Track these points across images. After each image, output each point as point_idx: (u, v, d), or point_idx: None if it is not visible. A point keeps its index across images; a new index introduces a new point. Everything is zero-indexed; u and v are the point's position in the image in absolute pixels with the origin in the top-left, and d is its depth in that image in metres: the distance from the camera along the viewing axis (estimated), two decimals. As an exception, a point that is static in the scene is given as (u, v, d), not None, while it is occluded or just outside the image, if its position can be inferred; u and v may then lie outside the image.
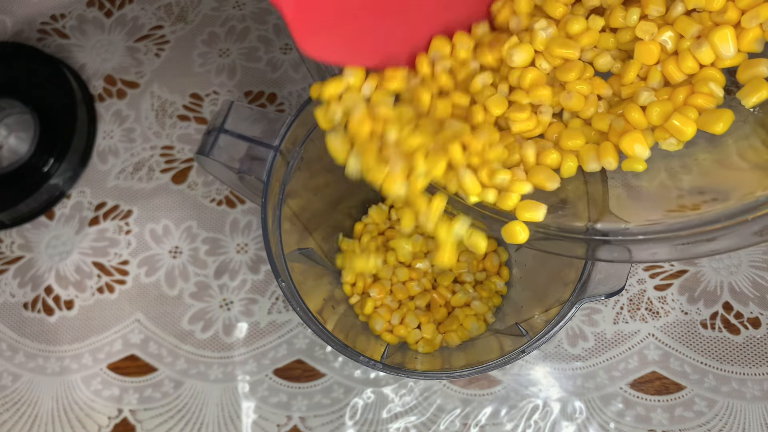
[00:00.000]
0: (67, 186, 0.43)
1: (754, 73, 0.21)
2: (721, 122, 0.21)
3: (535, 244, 0.24)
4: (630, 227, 0.23)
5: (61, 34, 0.46)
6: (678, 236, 0.21)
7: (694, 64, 0.22)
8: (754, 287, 0.37)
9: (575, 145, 0.24)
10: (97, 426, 0.39)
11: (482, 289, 0.35)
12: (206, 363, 0.39)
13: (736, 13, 0.21)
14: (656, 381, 0.36)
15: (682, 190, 0.23)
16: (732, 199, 0.21)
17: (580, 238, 0.23)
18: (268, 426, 0.38)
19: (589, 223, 0.23)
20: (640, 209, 0.24)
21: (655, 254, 0.22)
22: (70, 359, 0.40)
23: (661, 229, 0.22)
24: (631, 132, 0.22)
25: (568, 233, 0.23)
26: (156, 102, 0.44)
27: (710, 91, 0.22)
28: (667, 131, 0.22)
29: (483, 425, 0.37)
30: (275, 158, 0.28)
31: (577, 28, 0.23)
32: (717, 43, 0.21)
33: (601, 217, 0.24)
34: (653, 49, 0.23)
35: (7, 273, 0.42)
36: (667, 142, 0.23)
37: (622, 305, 0.37)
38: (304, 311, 0.27)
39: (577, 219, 0.24)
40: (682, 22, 0.22)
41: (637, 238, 0.22)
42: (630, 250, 0.22)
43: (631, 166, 0.23)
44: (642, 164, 0.23)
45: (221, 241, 0.41)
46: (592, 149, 0.23)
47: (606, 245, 0.23)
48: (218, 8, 0.45)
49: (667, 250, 0.21)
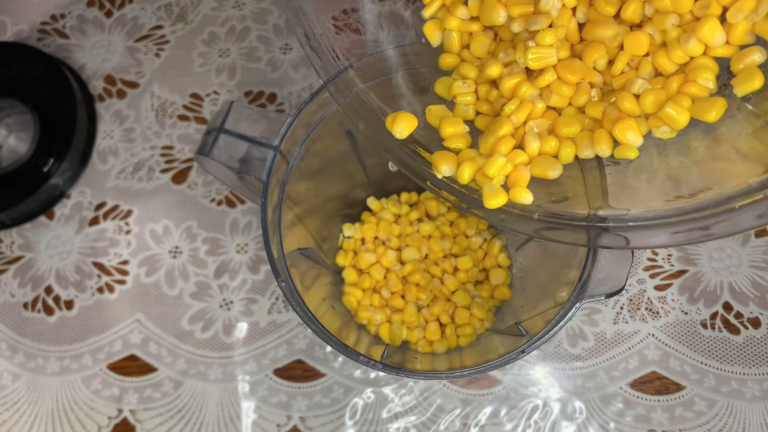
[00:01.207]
0: (67, 186, 0.43)
1: (747, 62, 0.21)
2: (714, 110, 0.22)
3: (540, 233, 0.24)
4: (630, 213, 0.23)
5: (61, 34, 0.46)
6: (677, 221, 0.21)
7: (684, 55, 0.22)
8: (754, 287, 0.37)
9: (570, 132, 0.24)
10: (97, 426, 0.39)
11: (482, 289, 0.35)
12: (206, 363, 0.39)
13: (718, 8, 0.22)
14: (656, 381, 0.36)
15: (679, 181, 0.23)
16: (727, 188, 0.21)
17: (581, 226, 0.23)
18: (268, 426, 0.38)
19: (591, 210, 0.24)
20: (640, 198, 0.24)
21: (655, 240, 0.22)
22: (70, 359, 0.40)
23: (661, 215, 0.22)
24: (624, 119, 0.23)
25: (569, 221, 0.23)
26: (156, 102, 0.44)
27: (704, 79, 0.22)
28: (661, 119, 0.22)
29: (483, 425, 0.37)
30: (275, 158, 0.28)
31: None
32: (706, 34, 0.21)
33: (601, 205, 0.24)
34: (642, 40, 0.23)
35: (7, 273, 0.42)
36: (661, 130, 0.23)
37: (622, 305, 0.37)
38: (304, 311, 0.27)
39: (578, 207, 0.24)
40: (658, 17, 0.23)
41: (637, 224, 0.22)
42: (628, 237, 0.22)
43: (623, 153, 0.23)
44: (634, 152, 0.23)
45: (221, 241, 0.41)
46: (587, 136, 0.24)
47: (606, 233, 0.23)
48: (218, 8, 0.45)
49: (666, 236, 0.21)
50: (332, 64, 0.25)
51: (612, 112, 0.23)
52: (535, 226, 0.24)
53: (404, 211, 0.36)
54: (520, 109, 0.24)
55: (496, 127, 0.24)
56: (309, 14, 0.25)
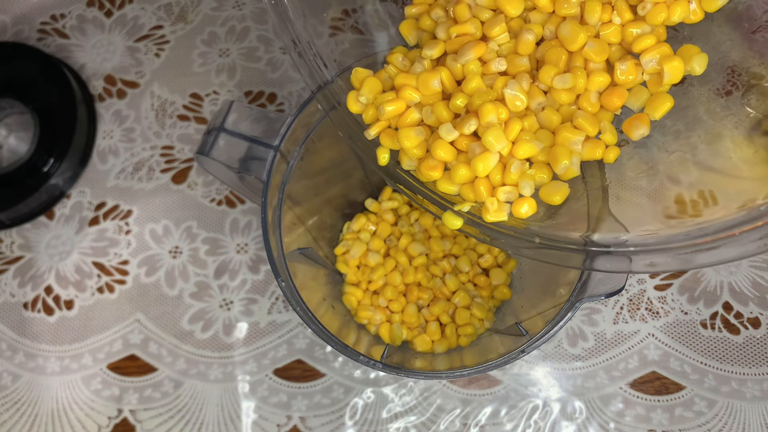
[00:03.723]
0: (67, 186, 0.43)
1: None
2: (558, 195, 0.23)
3: (531, 252, 0.24)
4: (628, 237, 0.23)
5: (61, 34, 0.46)
6: (678, 246, 0.21)
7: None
8: (754, 287, 0.37)
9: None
10: (97, 426, 0.39)
11: (482, 289, 0.35)
12: (206, 363, 0.39)
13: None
14: (656, 381, 0.36)
15: (682, 193, 0.23)
16: (732, 206, 0.21)
17: (576, 249, 0.23)
18: (268, 426, 0.38)
19: (587, 233, 0.23)
20: (638, 217, 0.24)
21: (654, 265, 0.22)
22: (70, 359, 0.40)
23: (660, 240, 0.22)
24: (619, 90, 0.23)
25: (564, 244, 0.23)
26: (156, 102, 0.44)
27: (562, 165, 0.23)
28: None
29: (483, 425, 0.37)
30: (275, 158, 0.28)
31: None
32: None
33: (598, 226, 0.24)
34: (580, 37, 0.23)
35: (7, 273, 0.42)
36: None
37: (622, 305, 0.37)
38: (304, 311, 0.27)
39: (574, 229, 0.24)
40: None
41: (637, 249, 0.22)
42: (630, 259, 0.22)
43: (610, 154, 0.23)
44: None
45: (221, 241, 0.41)
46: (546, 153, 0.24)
47: (604, 256, 0.23)
48: (218, 8, 0.45)
49: (666, 259, 0.21)
50: (319, 72, 0.25)
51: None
52: (530, 245, 0.24)
53: (404, 210, 0.37)
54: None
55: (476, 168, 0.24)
56: (295, 20, 0.25)
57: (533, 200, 0.23)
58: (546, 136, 0.23)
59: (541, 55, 0.24)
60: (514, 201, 0.23)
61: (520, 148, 0.23)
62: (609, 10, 0.23)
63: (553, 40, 0.24)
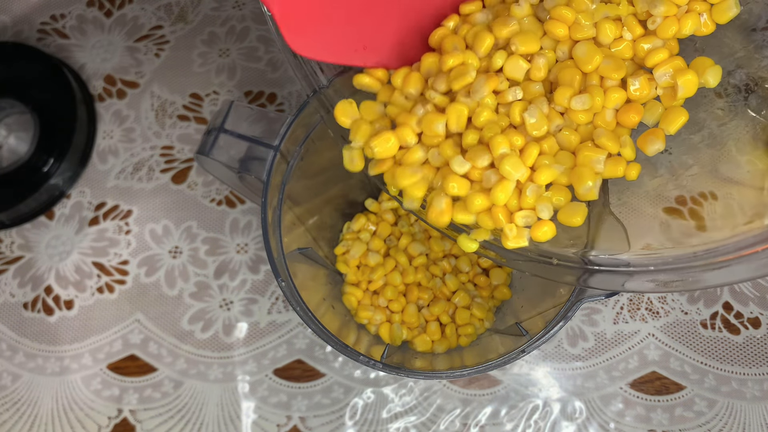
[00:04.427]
0: (66, 186, 0.43)
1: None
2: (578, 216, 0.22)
3: (523, 265, 0.23)
4: (626, 257, 0.22)
5: (61, 34, 0.46)
6: (681, 267, 0.21)
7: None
8: (754, 287, 0.37)
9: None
10: (97, 426, 0.39)
11: (482, 289, 0.35)
12: (206, 363, 0.39)
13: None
14: (656, 381, 0.36)
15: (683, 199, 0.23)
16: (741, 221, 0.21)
17: (572, 266, 0.23)
18: (268, 426, 0.38)
19: (585, 249, 0.23)
20: (637, 233, 0.23)
21: (650, 285, 0.21)
22: (70, 359, 0.40)
23: (659, 261, 0.22)
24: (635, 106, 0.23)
25: (561, 260, 0.23)
26: (156, 102, 0.44)
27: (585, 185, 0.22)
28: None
29: (483, 425, 0.37)
30: (275, 158, 0.28)
31: None
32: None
33: (595, 243, 0.23)
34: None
35: (7, 273, 0.42)
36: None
37: (622, 305, 0.37)
38: (304, 311, 0.27)
39: (570, 246, 0.24)
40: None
41: (635, 269, 0.22)
42: (625, 278, 0.22)
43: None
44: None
45: (221, 241, 0.41)
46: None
47: (600, 274, 0.22)
48: (218, 8, 0.45)
49: (666, 278, 0.21)
50: (314, 77, 0.25)
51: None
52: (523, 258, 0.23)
53: (404, 211, 0.37)
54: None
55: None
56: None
57: (552, 223, 0.23)
58: (566, 157, 0.23)
59: (554, 77, 0.23)
60: (532, 225, 0.23)
61: (542, 174, 0.22)
62: (619, 26, 0.23)
63: (566, 60, 0.23)
